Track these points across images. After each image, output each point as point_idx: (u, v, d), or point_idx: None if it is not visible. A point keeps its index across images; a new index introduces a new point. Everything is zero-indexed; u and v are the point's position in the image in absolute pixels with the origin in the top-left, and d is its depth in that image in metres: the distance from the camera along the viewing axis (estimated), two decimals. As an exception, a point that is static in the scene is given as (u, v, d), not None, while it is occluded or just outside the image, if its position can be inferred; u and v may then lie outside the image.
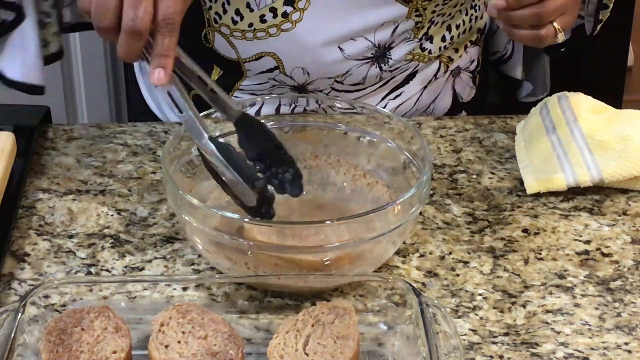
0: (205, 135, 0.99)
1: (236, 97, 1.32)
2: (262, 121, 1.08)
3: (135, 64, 1.45)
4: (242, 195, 0.98)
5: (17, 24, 1.21)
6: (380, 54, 1.27)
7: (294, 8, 1.22)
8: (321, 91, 1.29)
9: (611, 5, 1.28)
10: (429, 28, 1.29)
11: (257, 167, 1.04)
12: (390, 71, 1.30)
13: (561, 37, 1.14)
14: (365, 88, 1.30)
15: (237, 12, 1.24)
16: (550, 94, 1.30)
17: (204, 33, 1.28)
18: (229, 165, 0.98)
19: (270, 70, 1.28)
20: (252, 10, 1.23)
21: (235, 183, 0.98)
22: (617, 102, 1.59)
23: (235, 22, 1.25)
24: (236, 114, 1.06)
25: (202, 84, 1.04)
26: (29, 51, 1.22)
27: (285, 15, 1.23)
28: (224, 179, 0.99)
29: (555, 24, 1.13)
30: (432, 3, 1.26)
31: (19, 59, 1.22)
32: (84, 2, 0.99)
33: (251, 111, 1.25)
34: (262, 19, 1.23)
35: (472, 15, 1.34)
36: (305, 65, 1.26)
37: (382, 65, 1.28)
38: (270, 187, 1.00)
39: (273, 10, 1.23)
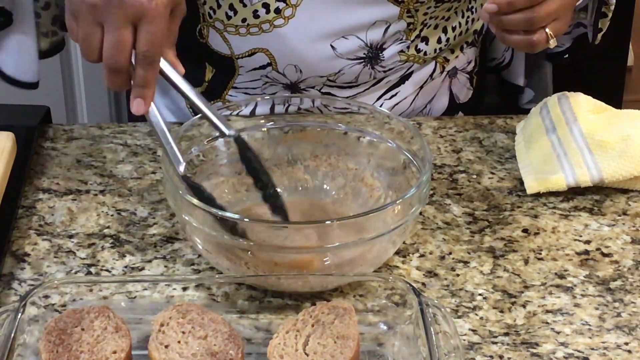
0: (181, 169, 1.03)
1: (231, 95, 1.32)
2: (252, 147, 1.09)
3: None
4: None
5: (6, 25, 1.26)
6: (373, 54, 1.27)
7: (286, 4, 1.23)
8: (313, 87, 1.29)
9: (610, 14, 1.28)
10: (421, 30, 1.29)
11: (257, 183, 1.07)
12: (384, 72, 1.30)
13: (553, 43, 1.13)
14: (359, 85, 1.30)
15: (231, 7, 1.24)
16: (549, 94, 1.30)
17: (199, 28, 1.28)
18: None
19: (263, 67, 1.28)
20: (245, 5, 1.23)
21: None
22: (617, 102, 1.59)
23: (229, 17, 1.25)
24: (230, 137, 1.07)
25: (195, 106, 1.07)
26: (24, 51, 1.28)
27: (277, 11, 1.23)
28: None
29: (547, 29, 1.13)
30: (424, 5, 1.26)
31: (13, 57, 1.28)
32: (72, 34, 1.04)
33: (246, 111, 1.25)
34: (255, 15, 1.24)
35: (468, 17, 1.34)
36: (297, 63, 1.27)
37: (375, 65, 1.28)
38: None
39: (266, 5, 1.23)
